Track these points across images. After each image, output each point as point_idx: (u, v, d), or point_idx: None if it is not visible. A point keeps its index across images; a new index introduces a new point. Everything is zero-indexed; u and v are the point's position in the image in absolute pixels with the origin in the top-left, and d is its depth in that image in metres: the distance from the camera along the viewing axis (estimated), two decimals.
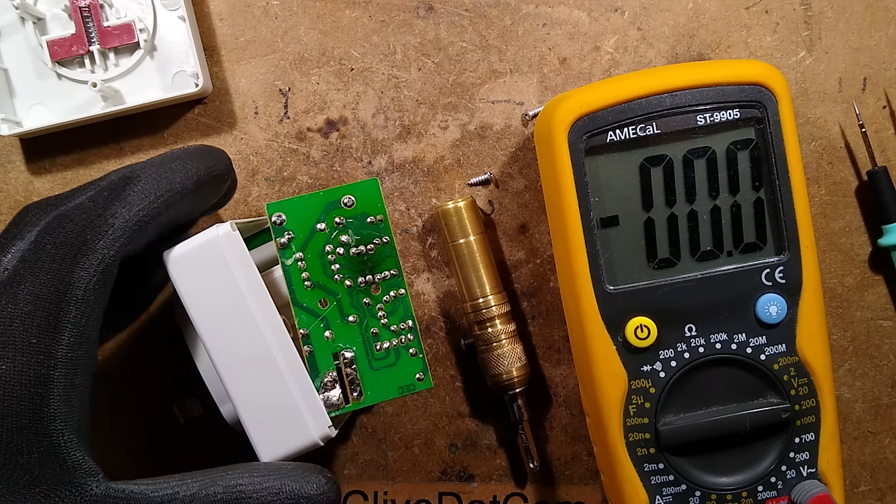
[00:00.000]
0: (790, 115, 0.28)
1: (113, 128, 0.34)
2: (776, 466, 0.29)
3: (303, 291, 0.27)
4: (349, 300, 0.28)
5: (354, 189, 0.27)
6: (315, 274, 0.27)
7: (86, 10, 0.33)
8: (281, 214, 0.27)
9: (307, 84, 0.34)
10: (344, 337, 0.27)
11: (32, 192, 0.35)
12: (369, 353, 0.28)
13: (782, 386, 0.29)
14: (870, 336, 0.34)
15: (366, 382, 0.28)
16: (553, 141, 0.28)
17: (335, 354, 0.27)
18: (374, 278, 0.28)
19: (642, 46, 0.33)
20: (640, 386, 0.29)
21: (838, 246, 0.34)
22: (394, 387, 0.28)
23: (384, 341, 0.28)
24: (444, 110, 0.34)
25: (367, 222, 0.28)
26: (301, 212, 0.27)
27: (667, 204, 0.29)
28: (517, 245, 0.34)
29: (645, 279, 0.29)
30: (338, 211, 0.27)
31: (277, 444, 0.26)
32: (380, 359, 0.28)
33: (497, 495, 0.35)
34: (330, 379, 0.27)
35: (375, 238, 0.28)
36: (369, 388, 0.28)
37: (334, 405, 0.27)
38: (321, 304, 0.27)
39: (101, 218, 0.24)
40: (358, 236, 0.27)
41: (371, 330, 0.28)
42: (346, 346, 0.27)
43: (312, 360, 0.27)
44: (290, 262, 0.27)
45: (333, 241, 0.27)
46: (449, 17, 0.34)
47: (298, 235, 0.27)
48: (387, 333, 0.28)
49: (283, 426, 0.26)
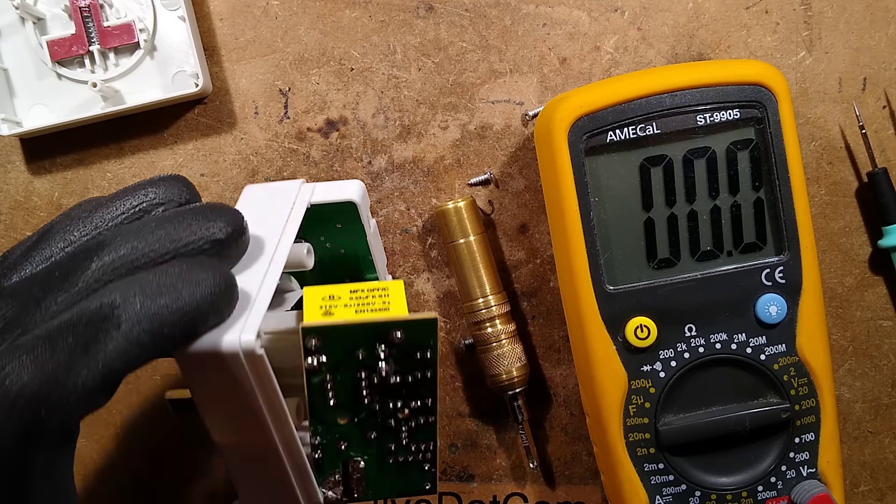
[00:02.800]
0: (790, 115, 0.28)
1: (113, 128, 0.34)
2: (776, 466, 0.29)
3: (323, 410, 0.24)
4: (372, 420, 0.24)
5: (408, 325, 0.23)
6: (341, 395, 0.24)
7: (86, 10, 0.33)
8: (314, 340, 0.22)
9: (307, 84, 0.34)
10: (358, 448, 0.25)
11: (32, 192, 0.35)
12: (381, 462, 0.25)
13: (782, 386, 0.29)
14: (870, 336, 0.34)
15: (370, 485, 0.25)
16: (553, 141, 0.28)
17: (345, 463, 0.25)
18: (406, 406, 0.24)
19: (642, 46, 0.33)
20: (640, 386, 0.29)
21: (838, 246, 0.34)
22: (396, 489, 0.25)
23: (401, 456, 0.25)
24: (444, 110, 0.34)
25: (416, 357, 0.23)
26: (340, 339, 0.23)
27: (667, 204, 0.29)
28: (517, 245, 0.34)
29: (645, 279, 0.29)
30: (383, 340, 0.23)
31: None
32: (391, 468, 0.25)
33: (497, 495, 0.35)
34: (335, 479, 0.25)
35: (419, 371, 0.24)
36: (372, 487, 0.25)
37: (332, 502, 0.25)
38: (341, 420, 0.24)
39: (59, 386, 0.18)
40: (399, 367, 0.24)
41: (388, 446, 0.25)
42: (358, 455, 0.25)
43: (318, 463, 0.25)
44: (316, 380, 0.23)
45: (370, 368, 0.23)
46: (449, 17, 0.34)
47: (331, 360, 0.23)
48: (404, 451, 0.25)
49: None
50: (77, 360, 0.18)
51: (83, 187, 0.35)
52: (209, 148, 0.34)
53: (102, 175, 0.35)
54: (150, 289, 0.19)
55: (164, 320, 0.19)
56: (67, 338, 0.18)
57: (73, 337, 0.18)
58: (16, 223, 0.35)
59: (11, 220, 0.35)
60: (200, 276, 0.20)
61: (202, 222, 0.21)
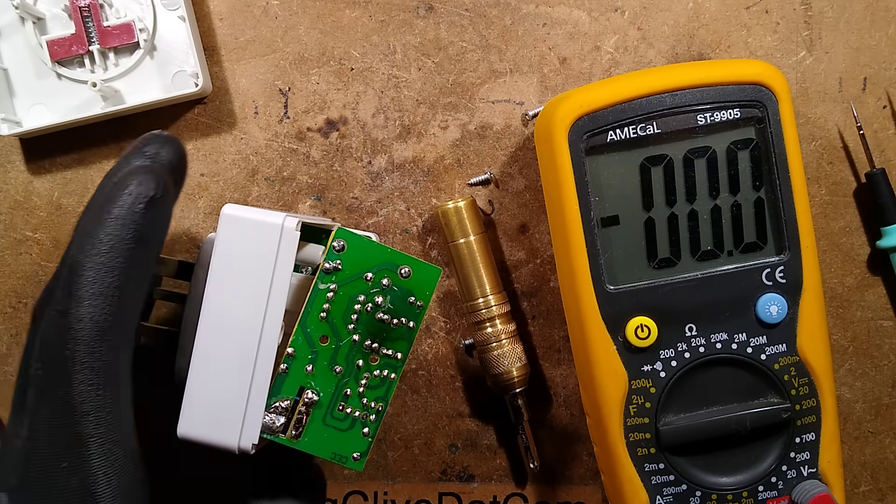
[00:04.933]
0: (790, 115, 0.28)
1: (113, 128, 0.34)
2: (777, 466, 0.29)
3: (315, 319, 0.27)
4: (346, 352, 0.28)
5: (417, 266, 0.27)
6: (336, 311, 0.27)
7: (86, 9, 0.33)
8: (343, 242, 0.27)
9: (307, 84, 0.34)
10: (320, 380, 0.27)
11: (32, 192, 0.35)
12: (331, 408, 0.28)
13: (783, 386, 0.29)
14: (870, 336, 0.34)
15: (310, 429, 0.27)
16: (553, 141, 0.28)
17: (301, 388, 0.27)
18: (381, 349, 0.28)
19: (642, 46, 0.33)
20: (640, 386, 0.29)
21: (838, 246, 0.34)
22: (329, 449, 0.28)
23: (349, 406, 0.28)
24: (444, 110, 0.34)
25: (408, 301, 0.28)
26: (361, 252, 0.27)
27: (667, 203, 0.29)
28: (517, 245, 0.34)
29: (645, 279, 0.29)
30: (391, 274, 0.27)
31: (200, 425, 0.26)
32: (336, 418, 0.28)
33: (497, 495, 0.35)
34: (284, 405, 0.27)
35: (405, 317, 0.28)
36: (309, 435, 0.27)
37: (272, 430, 0.27)
38: (322, 339, 0.27)
39: (67, 328, 0.22)
40: (392, 306, 0.28)
41: (345, 390, 0.28)
42: (317, 388, 0.27)
43: (281, 380, 0.27)
44: (323, 287, 0.27)
45: (370, 295, 0.27)
46: (449, 17, 0.34)
47: (345, 270, 0.27)
48: (356, 402, 0.28)
49: (217, 414, 0.26)
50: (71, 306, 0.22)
51: (83, 187, 0.35)
52: (209, 148, 0.34)
53: (102, 175, 0.34)
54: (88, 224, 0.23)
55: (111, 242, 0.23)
56: (57, 294, 0.23)
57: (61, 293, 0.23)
58: (16, 223, 0.35)
59: (11, 220, 0.35)
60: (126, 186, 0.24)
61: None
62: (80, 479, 0.22)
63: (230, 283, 0.26)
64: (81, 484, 0.22)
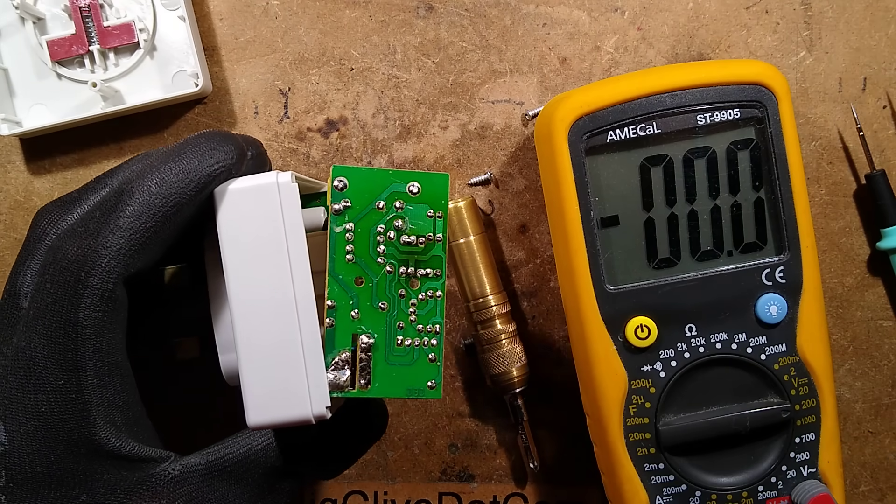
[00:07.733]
0: (790, 115, 0.28)
1: (113, 128, 0.34)
2: (776, 466, 0.29)
3: (343, 263, 0.26)
4: (385, 286, 0.26)
5: (424, 178, 0.26)
6: (360, 250, 0.26)
7: (86, 9, 0.33)
8: (343, 180, 0.26)
9: (307, 84, 0.34)
10: (369, 321, 0.26)
11: (32, 192, 0.35)
12: (389, 345, 0.26)
13: (783, 386, 0.29)
14: (870, 336, 0.34)
15: (377, 373, 0.26)
16: (553, 141, 0.28)
17: (354, 336, 0.26)
18: (417, 272, 0.26)
19: (642, 46, 0.33)
20: (640, 386, 0.29)
21: (838, 246, 0.34)
22: (403, 386, 0.27)
23: (407, 338, 0.27)
24: (444, 110, 0.34)
25: (427, 215, 0.26)
26: (364, 184, 0.26)
27: (667, 204, 0.29)
28: (517, 245, 0.34)
29: (645, 279, 0.29)
30: (401, 195, 0.26)
31: (269, 409, 0.25)
32: (398, 354, 0.27)
33: (497, 495, 0.35)
34: (342, 359, 0.26)
35: (429, 233, 0.26)
36: (379, 379, 0.26)
37: (339, 386, 0.26)
38: (357, 281, 0.26)
39: (93, 250, 0.23)
40: (413, 226, 0.26)
41: (398, 323, 0.26)
42: (369, 331, 0.26)
43: (331, 334, 0.26)
44: (339, 229, 0.26)
45: (388, 223, 0.26)
46: (449, 17, 0.34)
47: (355, 206, 0.26)
48: (412, 331, 0.27)
49: (281, 392, 0.25)
50: (104, 229, 0.23)
51: None
52: None
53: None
54: (157, 162, 0.24)
55: (171, 184, 0.24)
56: (95, 213, 0.24)
57: (99, 212, 0.24)
58: (16, 223, 0.35)
59: (11, 220, 0.35)
60: (205, 147, 0.24)
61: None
62: (75, 394, 0.23)
63: (247, 259, 0.25)
64: (78, 399, 0.23)
